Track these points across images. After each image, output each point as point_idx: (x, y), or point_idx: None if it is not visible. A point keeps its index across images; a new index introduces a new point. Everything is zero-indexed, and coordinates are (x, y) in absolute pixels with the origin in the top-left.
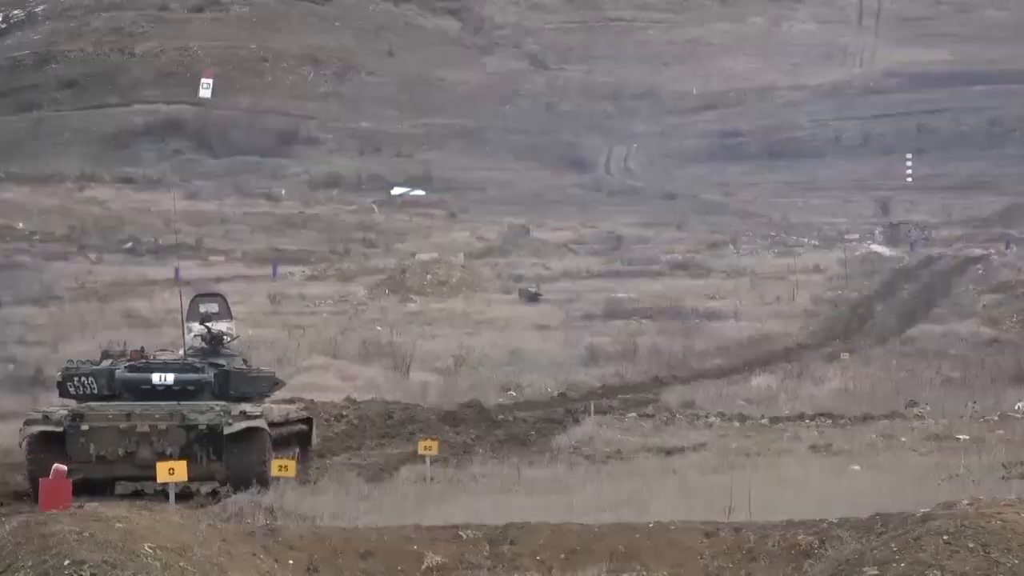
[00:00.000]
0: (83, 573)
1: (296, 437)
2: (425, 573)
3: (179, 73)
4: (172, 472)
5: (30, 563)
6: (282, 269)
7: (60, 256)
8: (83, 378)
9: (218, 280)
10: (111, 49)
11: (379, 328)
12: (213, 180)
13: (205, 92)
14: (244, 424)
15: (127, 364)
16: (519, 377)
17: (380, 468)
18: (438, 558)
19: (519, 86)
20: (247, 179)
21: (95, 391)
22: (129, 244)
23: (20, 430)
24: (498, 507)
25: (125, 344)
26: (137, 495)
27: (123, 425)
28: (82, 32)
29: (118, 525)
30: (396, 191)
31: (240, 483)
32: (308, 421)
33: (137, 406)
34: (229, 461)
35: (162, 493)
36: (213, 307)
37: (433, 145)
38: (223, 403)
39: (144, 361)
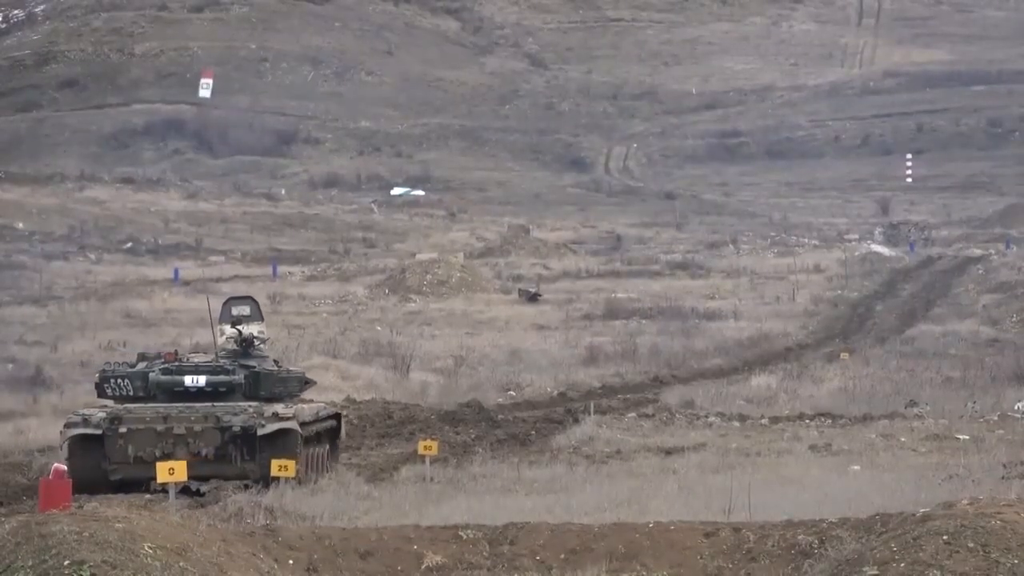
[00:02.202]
0: (83, 573)
1: (326, 433)
2: (425, 573)
3: (179, 73)
4: (172, 472)
5: (30, 563)
6: (282, 269)
7: (60, 256)
8: (119, 380)
9: (218, 280)
10: (111, 49)
11: (379, 328)
12: (213, 180)
13: (205, 92)
14: (277, 426)
15: (161, 366)
16: (519, 377)
17: (380, 468)
18: (438, 558)
19: (518, 86)
20: (247, 179)
21: (131, 392)
22: (129, 244)
23: (60, 432)
24: (498, 507)
25: (125, 344)
26: (137, 487)
27: (160, 427)
28: (82, 32)
29: (118, 525)
30: (395, 191)
31: (272, 481)
32: (337, 417)
33: (173, 408)
34: (262, 461)
35: (187, 490)
36: (245, 310)
37: (432, 145)
38: (256, 404)
39: (177, 364)
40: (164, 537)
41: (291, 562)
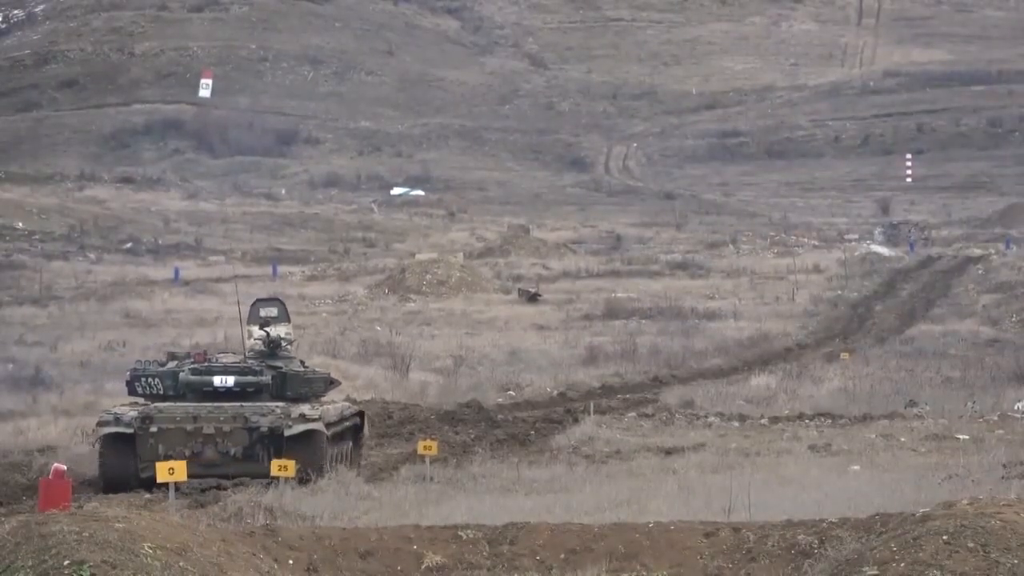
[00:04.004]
0: (83, 573)
1: (350, 432)
2: (425, 573)
3: (179, 73)
4: (172, 472)
5: (30, 563)
6: (282, 269)
7: (60, 256)
8: (149, 379)
9: (218, 280)
10: (111, 49)
11: (379, 328)
12: (213, 180)
13: (205, 92)
14: (304, 427)
15: (191, 366)
16: (519, 377)
17: (380, 468)
18: (438, 558)
19: (518, 86)
20: (247, 179)
21: (160, 391)
22: (129, 244)
23: (92, 430)
24: (498, 507)
25: (125, 344)
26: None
27: (190, 427)
28: (82, 32)
29: (118, 525)
30: (395, 191)
31: (299, 480)
32: (360, 415)
33: (203, 408)
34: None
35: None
36: (272, 311)
37: (432, 145)
38: (283, 405)
39: (206, 364)
40: (164, 537)
41: (291, 562)
